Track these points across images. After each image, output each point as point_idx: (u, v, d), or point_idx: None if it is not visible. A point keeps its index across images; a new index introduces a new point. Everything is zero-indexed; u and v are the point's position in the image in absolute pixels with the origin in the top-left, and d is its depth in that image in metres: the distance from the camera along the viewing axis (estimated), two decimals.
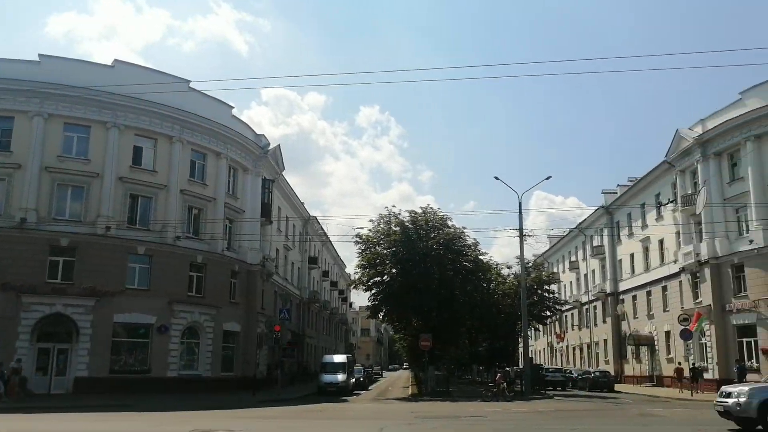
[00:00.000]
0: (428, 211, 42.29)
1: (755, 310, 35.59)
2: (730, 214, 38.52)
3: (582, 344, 67.54)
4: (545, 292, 53.33)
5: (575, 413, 24.63)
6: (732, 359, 36.86)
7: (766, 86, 36.66)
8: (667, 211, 45.73)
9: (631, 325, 52.98)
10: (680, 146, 43.23)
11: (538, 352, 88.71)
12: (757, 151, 36.72)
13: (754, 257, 36.08)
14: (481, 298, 45.85)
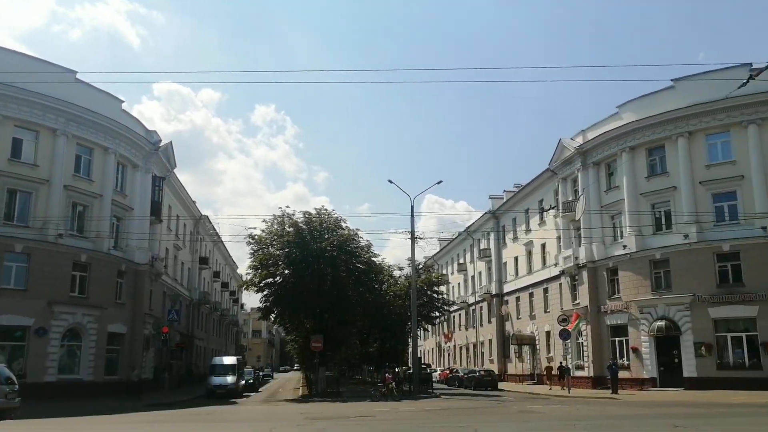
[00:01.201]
0: (323, 212, 42.46)
1: (627, 311, 38.12)
2: (606, 221, 40.96)
3: (468, 344, 69.71)
4: (435, 293, 54.77)
5: (461, 411, 25.47)
6: (606, 358, 39.33)
7: (640, 101, 39.23)
8: (549, 216, 48.07)
9: (515, 326, 55.26)
10: (563, 155, 45.55)
11: (426, 352, 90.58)
12: (631, 161, 39.24)
13: (626, 261, 38.57)
14: (373, 299, 46.39)
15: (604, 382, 38.38)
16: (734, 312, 33.82)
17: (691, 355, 34.42)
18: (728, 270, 34.48)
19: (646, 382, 35.92)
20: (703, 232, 35.21)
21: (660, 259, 36.90)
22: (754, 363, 33.02)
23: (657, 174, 38.28)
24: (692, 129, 36.66)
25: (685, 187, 36.25)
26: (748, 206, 34.25)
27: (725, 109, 35.11)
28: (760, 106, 34.59)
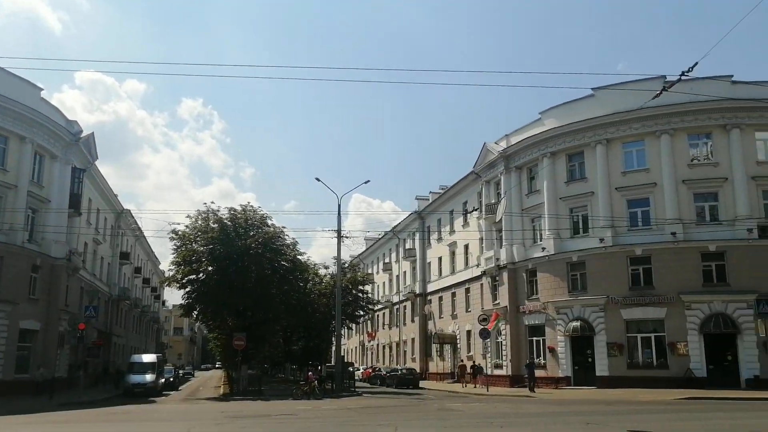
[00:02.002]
0: (248, 209, 42.02)
1: (544, 311, 39.33)
2: (527, 224, 42.11)
3: (392, 343, 70.33)
4: (360, 292, 55.02)
5: (382, 409, 25.75)
6: (524, 357, 40.50)
7: (561, 108, 40.56)
8: (472, 218, 49.09)
9: (437, 325, 56.15)
10: (487, 159, 46.57)
11: (350, 350, 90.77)
12: (552, 166, 40.49)
13: (545, 263, 39.79)
14: (298, 297, 46.23)
15: (522, 380, 39.47)
16: (644, 314, 35.39)
17: (604, 354, 35.81)
18: (640, 273, 36.03)
19: (561, 381, 37.14)
20: (618, 236, 36.68)
21: (577, 261, 38.23)
22: (661, 362, 34.69)
23: (576, 179, 39.62)
24: (610, 137, 38.11)
25: (602, 192, 37.68)
26: (660, 212, 35.88)
27: (640, 118, 36.65)
28: (673, 117, 36.31)
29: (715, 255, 34.68)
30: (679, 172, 36.08)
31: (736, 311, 33.53)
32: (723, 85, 34.96)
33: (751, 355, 32.93)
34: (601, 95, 37.66)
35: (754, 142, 35.97)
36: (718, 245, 34.56)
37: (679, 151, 36.41)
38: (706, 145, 36.65)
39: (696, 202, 35.97)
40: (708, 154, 36.46)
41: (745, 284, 33.64)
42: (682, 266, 34.67)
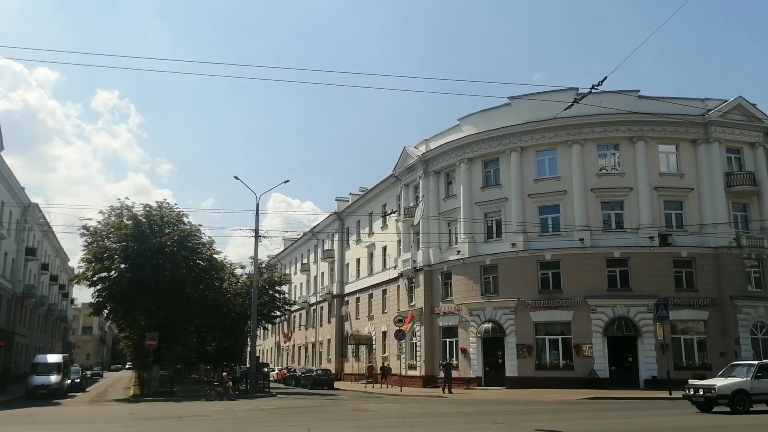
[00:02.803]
0: (164, 206, 41.15)
1: (458, 313, 40.22)
2: (443, 227, 42.93)
3: (308, 343, 70.14)
4: (276, 292, 54.65)
5: (296, 410, 25.80)
6: (437, 358, 41.35)
7: (479, 116, 41.62)
8: (391, 220, 49.65)
9: (353, 326, 56.44)
10: (406, 162, 47.23)
11: (266, 351, 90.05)
12: (468, 172, 41.45)
13: (460, 266, 40.69)
14: (214, 297, 45.56)
15: (435, 381, 40.27)
16: (553, 316, 36.74)
17: (514, 355, 36.95)
18: (549, 277, 37.39)
19: (472, 381, 38.05)
20: (529, 241, 37.92)
21: (490, 265, 39.30)
22: (567, 363, 36.11)
23: (491, 185, 40.72)
24: (524, 145, 39.36)
25: (515, 198, 38.87)
26: (569, 219, 37.33)
27: (553, 128, 37.99)
28: (583, 128, 37.90)
29: (620, 261, 36.46)
30: (588, 181, 37.66)
31: (638, 315, 35.34)
32: (630, 99, 36.85)
33: (650, 356, 34.76)
34: (517, 104, 38.85)
35: (658, 154, 38.01)
36: (622, 252, 36.31)
37: (589, 161, 38.01)
38: (614, 155, 38.40)
39: (603, 210, 37.66)
40: (615, 165, 38.22)
41: (646, 289, 35.51)
42: (588, 271, 36.25)
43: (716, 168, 37.36)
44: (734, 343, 35.16)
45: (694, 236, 36.62)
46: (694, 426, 17.66)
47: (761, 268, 37.11)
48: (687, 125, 37.54)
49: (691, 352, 35.79)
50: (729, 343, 35.22)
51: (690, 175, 37.71)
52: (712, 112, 37.63)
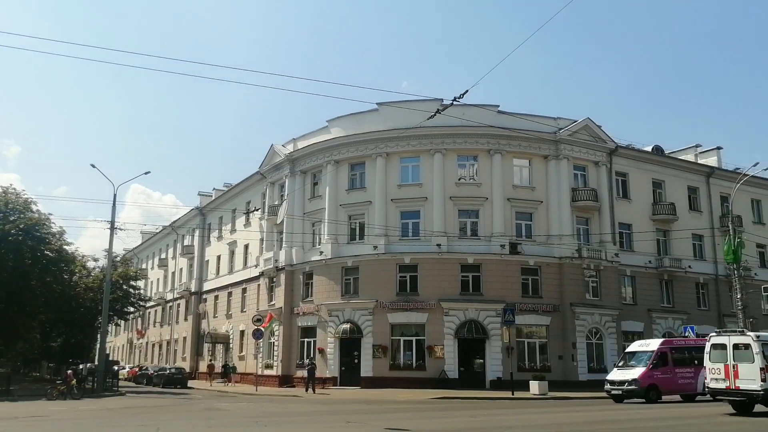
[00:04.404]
0: (10, 192, 38.74)
1: (317, 313, 40.55)
2: (307, 227, 43.08)
3: (162, 341, 68.09)
4: (131, 287, 52.72)
5: (145, 409, 25.14)
6: (295, 358, 41.70)
7: (347, 119, 42.13)
8: (255, 218, 49.21)
9: (211, 324, 55.44)
10: (273, 160, 47.02)
11: (117, 348, 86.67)
12: (335, 174, 41.87)
13: (322, 267, 41.03)
14: (62, 290, 43.35)
15: (292, 380, 40.45)
16: (408, 318, 37.90)
17: (369, 356, 37.75)
18: (407, 280, 38.52)
19: (327, 381, 38.44)
20: (390, 244, 38.89)
21: (351, 266, 39.94)
22: (419, 364, 37.41)
23: (356, 188, 41.39)
24: (390, 151, 40.34)
25: (378, 202, 39.73)
26: (428, 224, 38.67)
27: (418, 136, 39.26)
28: (446, 138, 39.43)
29: (473, 267, 38.23)
30: (448, 189, 39.18)
31: (487, 318, 37.21)
32: (490, 113, 38.73)
33: (497, 358, 36.71)
34: (385, 111, 39.71)
35: (512, 167, 40.22)
36: (475, 258, 38.12)
37: (449, 170, 39.57)
38: (472, 166, 40.17)
39: (460, 218, 39.32)
40: (473, 175, 40.02)
41: (495, 294, 37.47)
42: (443, 275, 37.76)
43: (564, 183, 40.06)
44: (572, 347, 37.95)
45: (541, 246, 39.07)
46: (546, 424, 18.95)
47: (598, 278, 40.20)
48: (540, 141, 40.00)
49: (534, 355, 38.17)
50: (567, 347, 37.97)
51: (540, 189, 40.18)
52: (563, 130, 40.33)
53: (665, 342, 30.08)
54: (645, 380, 27.43)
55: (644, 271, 43.07)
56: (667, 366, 28.33)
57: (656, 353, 28.44)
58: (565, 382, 36.15)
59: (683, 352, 29.50)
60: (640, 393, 27.25)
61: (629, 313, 41.40)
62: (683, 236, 44.44)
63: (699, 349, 27.19)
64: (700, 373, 26.27)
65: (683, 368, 28.60)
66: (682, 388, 28.61)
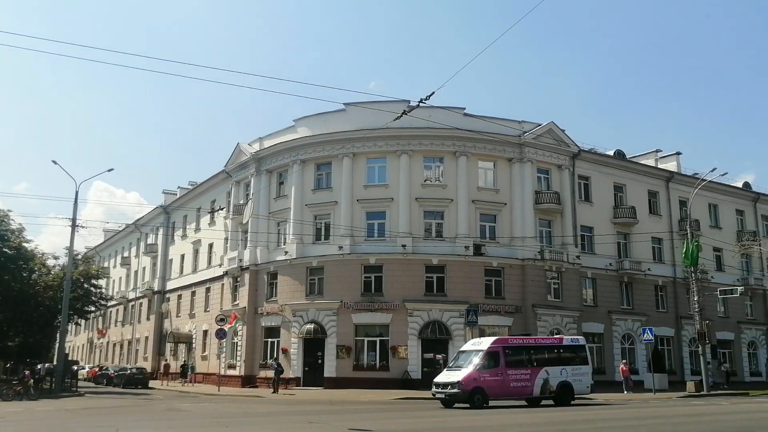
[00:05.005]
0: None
1: (281, 313, 40.43)
2: (272, 227, 42.90)
3: (123, 341, 67.22)
4: (92, 286, 51.90)
5: (105, 410, 24.86)
6: (258, 358, 41.57)
7: (314, 118, 42.07)
8: (219, 217, 48.77)
9: (174, 323, 54.89)
10: (239, 159, 46.75)
11: (77, 348, 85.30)
12: (301, 173, 41.79)
13: (286, 267, 40.92)
14: (20, 288, 42.57)
15: (254, 381, 40.27)
16: (373, 319, 38.00)
17: (333, 356, 37.75)
18: (372, 280, 38.65)
19: (291, 382, 38.33)
20: (355, 245, 38.95)
21: (316, 266, 39.92)
22: (383, 365, 37.54)
23: (322, 188, 41.37)
24: (356, 151, 40.41)
25: (344, 202, 39.76)
26: (394, 225, 38.83)
27: (385, 137, 39.38)
28: (412, 139, 39.63)
29: (437, 268, 38.50)
30: (414, 190, 39.40)
31: (450, 319, 37.51)
32: (456, 116, 38.95)
33: None
34: (352, 111, 39.65)
35: (477, 169, 40.61)
36: (440, 259, 38.39)
37: (415, 171, 39.79)
38: (438, 168, 40.44)
39: (425, 219, 39.55)
40: (439, 177, 40.28)
41: (459, 295, 37.81)
42: (408, 276, 37.96)
43: (527, 186, 40.57)
44: None
45: (505, 248, 39.53)
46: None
47: (560, 279, 40.78)
48: (504, 144, 40.44)
49: None
50: None
51: (504, 191, 40.61)
52: (527, 134, 40.82)
53: (498, 341, 26.98)
54: (469, 383, 24.57)
55: (605, 274, 43.84)
56: (499, 367, 25.54)
57: (485, 353, 25.66)
58: None
59: (520, 352, 26.90)
60: (463, 397, 24.48)
61: (590, 315, 42.07)
62: (643, 239, 45.34)
63: (539, 349, 27.60)
64: (538, 375, 26.11)
65: (518, 370, 26.08)
66: (516, 392, 26.10)
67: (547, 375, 26.31)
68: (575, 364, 27.54)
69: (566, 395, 26.65)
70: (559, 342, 28.98)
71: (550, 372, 26.48)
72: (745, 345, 50.92)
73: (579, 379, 27.22)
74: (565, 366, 27.09)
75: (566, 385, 26.70)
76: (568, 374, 26.93)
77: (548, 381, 26.27)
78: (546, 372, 26.36)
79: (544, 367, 26.44)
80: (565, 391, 26.64)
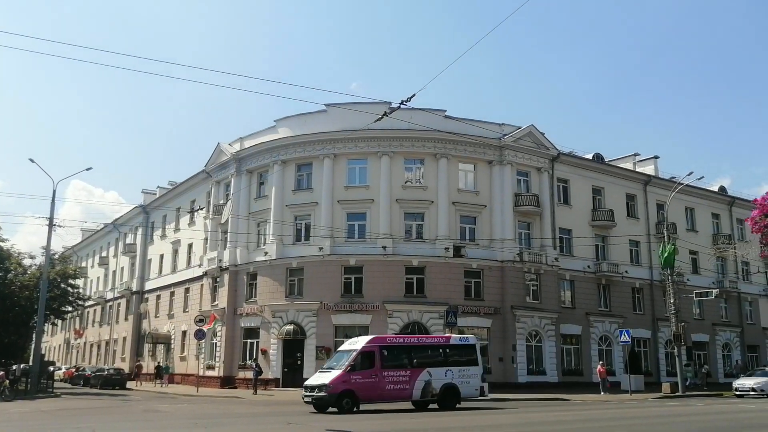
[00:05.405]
0: None
1: (261, 314, 40.33)
2: (252, 227, 42.79)
3: (101, 341, 66.67)
4: (69, 286, 51.48)
5: (82, 411, 24.67)
6: (237, 359, 41.41)
7: (295, 119, 42.03)
8: (199, 217, 48.56)
9: (152, 324, 54.55)
10: (219, 159, 46.58)
11: (53, 348, 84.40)
12: (282, 174, 41.72)
13: (266, 267, 40.82)
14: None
15: (233, 381, 40.15)
16: (352, 320, 38.01)
17: (312, 357, 37.66)
18: (352, 282, 38.69)
19: (270, 383, 38.27)
20: (336, 246, 38.96)
21: (296, 267, 39.88)
22: None
23: (303, 189, 41.33)
24: (337, 152, 40.42)
25: (325, 203, 39.76)
26: (374, 227, 38.90)
27: (366, 138, 39.42)
28: (393, 141, 39.72)
29: (417, 269, 38.66)
30: (395, 191, 39.49)
31: (430, 320, 37.65)
32: (437, 118, 39.20)
33: None
34: (333, 112, 39.63)
35: (458, 171, 40.81)
36: (420, 260, 38.53)
37: (396, 173, 39.89)
38: (419, 170, 40.59)
39: (406, 221, 39.67)
40: (420, 178, 40.45)
41: (439, 296, 37.95)
42: (388, 277, 38.04)
43: (507, 188, 40.84)
44: (512, 349, 38.70)
45: (484, 249, 39.75)
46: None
47: (539, 281, 41.09)
48: (485, 147, 40.68)
49: None
50: (507, 348, 38.72)
51: (484, 193, 40.84)
52: (507, 136, 41.08)
53: (375, 339, 24.96)
54: (338, 385, 22.65)
55: (583, 276, 44.23)
56: (374, 368, 23.53)
57: (358, 353, 23.63)
58: (505, 383, 36.84)
59: (400, 352, 24.88)
60: (330, 401, 22.59)
61: (568, 317, 42.43)
62: (621, 242, 45.86)
63: (423, 348, 25.66)
64: (419, 377, 24.06)
65: (396, 371, 24.00)
66: (393, 395, 23.85)
67: (429, 377, 24.26)
68: (463, 365, 25.40)
69: (451, 398, 24.57)
70: (445, 341, 26.83)
71: (434, 373, 24.38)
72: (720, 347, 51.66)
73: (467, 381, 25.12)
74: (451, 367, 24.97)
75: (451, 387, 24.60)
76: (454, 376, 24.81)
77: (430, 383, 24.20)
78: (428, 373, 24.29)
79: (426, 369, 24.35)
80: (449, 394, 24.55)
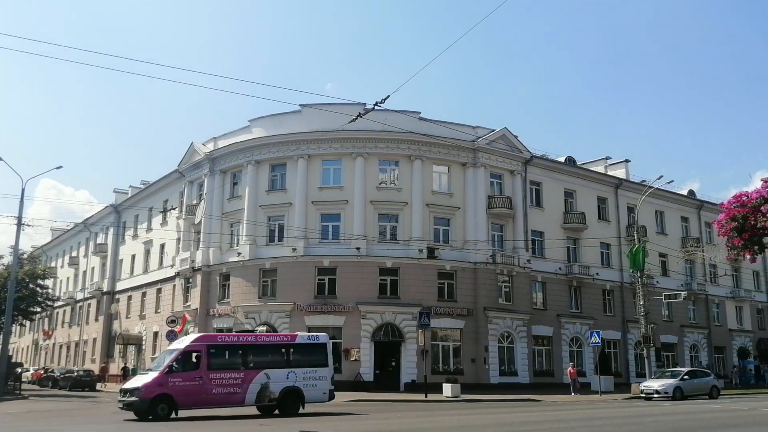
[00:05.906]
0: None
1: (234, 315, 40.12)
2: (225, 228, 42.59)
3: (71, 342, 65.79)
4: (38, 286, 50.73)
5: (49, 413, 24.34)
6: None
7: (269, 119, 41.95)
8: (172, 217, 48.20)
9: (123, 325, 53.98)
10: (193, 158, 46.29)
11: (21, 349, 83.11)
12: (255, 174, 41.59)
13: (239, 268, 40.66)
14: None
15: None
16: (326, 321, 37.94)
17: None
18: (326, 283, 38.70)
19: None
20: (309, 247, 38.96)
21: (269, 268, 39.78)
22: (336, 367, 36.93)
23: (277, 189, 41.25)
24: (312, 153, 40.42)
25: (299, 204, 39.73)
26: (348, 228, 38.96)
27: (340, 139, 39.46)
28: (368, 142, 39.82)
29: (391, 270, 38.78)
30: (369, 193, 39.58)
31: (403, 322, 37.80)
32: (412, 120, 39.40)
33: (411, 361, 37.29)
34: (307, 112, 39.54)
35: (432, 173, 41.01)
36: (394, 262, 38.68)
37: (371, 174, 39.99)
38: (393, 171, 40.76)
39: (380, 222, 39.82)
40: (394, 180, 40.61)
41: (412, 298, 38.13)
42: (362, 279, 38.10)
43: (480, 191, 41.15)
44: (484, 350, 38.99)
45: (458, 251, 39.99)
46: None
47: (511, 283, 41.44)
48: (459, 149, 40.94)
49: (447, 358, 39.08)
50: (480, 350, 39.02)
51: (458, 195, 41.10)
52: (481, 139, 41.38)
53: (202, 338, 22.71)
54: (152, 389, 20.33)
55: (554, 278, 44.68)
56: (198, 370, 21.21)
57: (181, 354, 21.32)
58: (477, 384, 37.17)
59: (232, 352, 22.69)
60: (142, 407, 20.13)
61: (539, 318, 42.84)
62: (592, 244, 46.41)
63: (260, 348, 23.12)
64: (255, 380, 21.80)
65: (226, 373, 21.66)
66: (221, 399, 21.56)
67: (267, 379, 21.95)
68: (310, 367, 23.07)
69: (293, 403, 22.33)
70: (289, 340, 24.28)
71: (273, 376, 22.07)
72: (688, 348, 52.47)
73: (313, 384, 22.86)
74: (294, 369, 22.57)
75: (293, 391, 22.33)
76: (297, 378, 22.48)
77: (268, 386, 21.91)
78: (266, 375, 21.96)
79: (263, 371, 22.00)
80: (291, 398, 22.32)
